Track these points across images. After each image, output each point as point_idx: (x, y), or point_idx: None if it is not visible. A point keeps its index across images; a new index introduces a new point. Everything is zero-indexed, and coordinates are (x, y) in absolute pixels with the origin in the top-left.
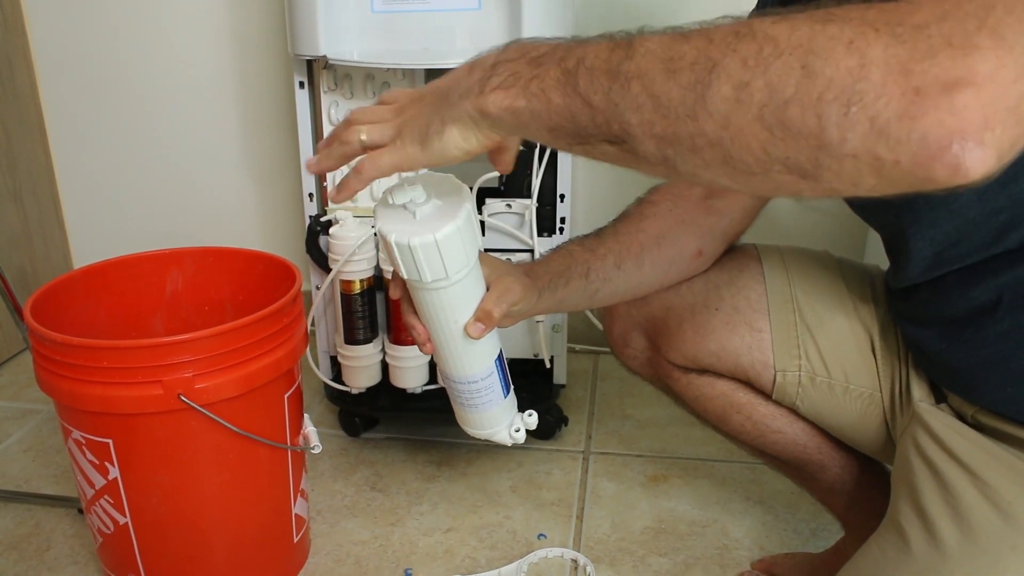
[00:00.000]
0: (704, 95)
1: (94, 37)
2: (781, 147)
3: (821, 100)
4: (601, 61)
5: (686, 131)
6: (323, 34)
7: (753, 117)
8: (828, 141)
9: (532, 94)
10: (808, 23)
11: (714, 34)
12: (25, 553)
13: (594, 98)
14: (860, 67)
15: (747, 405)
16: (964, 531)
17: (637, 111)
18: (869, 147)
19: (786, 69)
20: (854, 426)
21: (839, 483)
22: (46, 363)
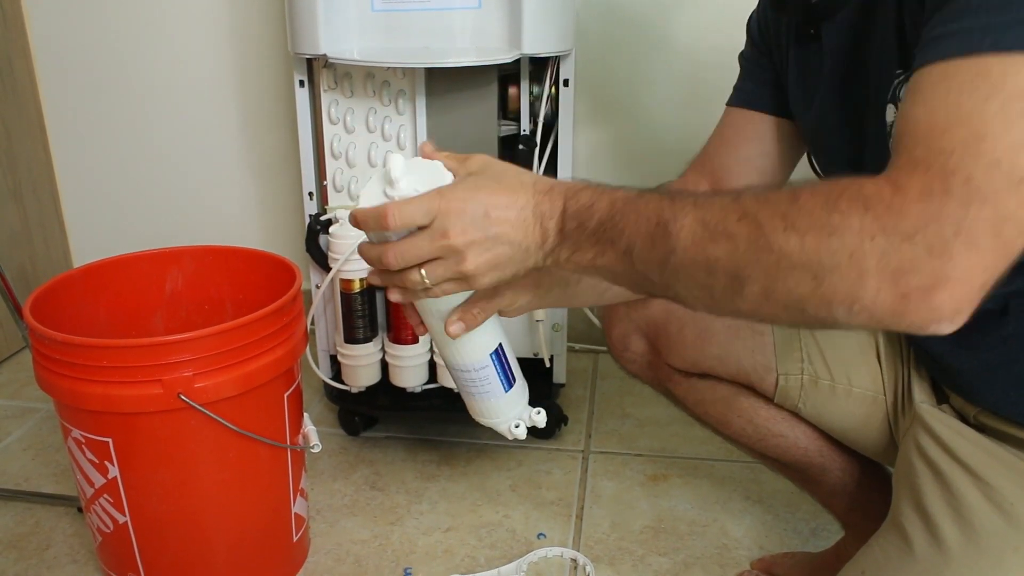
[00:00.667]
0: (739, 292)
1: (94, 35)
2: (801, 319)
3: (831, 303)
4: (647, 251)
5: (728, 307)
6: (323, 33)
7: (780, 306)
8: (837, 322)
9: (597, 267)
10: (815, 235)
11: (739, 236)
12: (25, 552)
13: (651, 276)
14: (859, 278)
15: (748, 409)
16: (966, 532)
17: (687, 290)
18: (869, 326)
19: (801, 279)
20: (857, 428)
21: (840, 485)
22: (46, 362)
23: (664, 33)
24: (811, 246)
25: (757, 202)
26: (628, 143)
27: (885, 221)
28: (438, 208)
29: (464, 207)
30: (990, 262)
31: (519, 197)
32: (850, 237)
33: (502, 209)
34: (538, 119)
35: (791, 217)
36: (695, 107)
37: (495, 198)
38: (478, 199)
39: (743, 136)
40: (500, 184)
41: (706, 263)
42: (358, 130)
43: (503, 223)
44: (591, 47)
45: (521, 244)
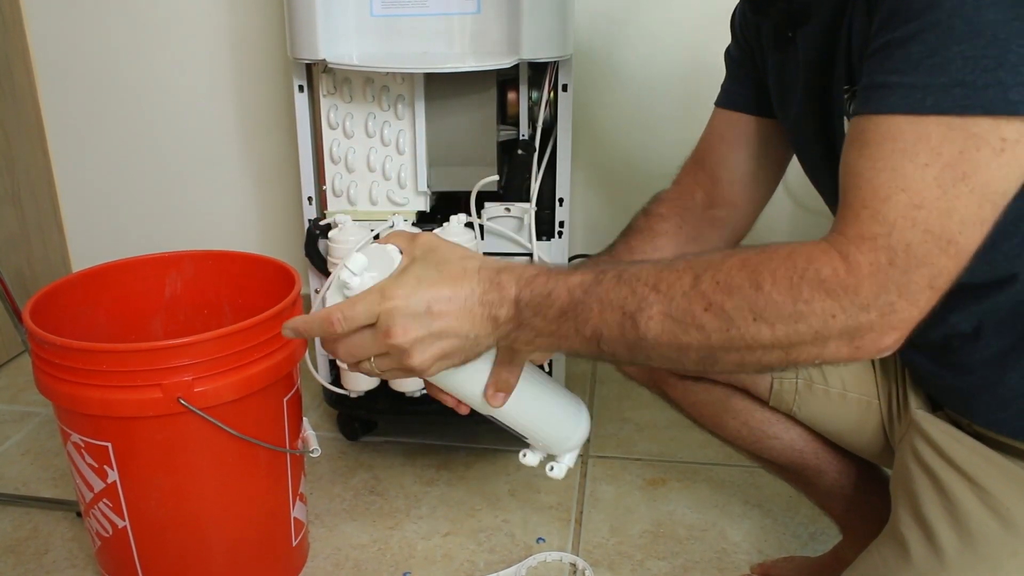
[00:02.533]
0: (712, 365)
1: (93, 39)
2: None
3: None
4: (616, 337)
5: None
6: (322, 38)
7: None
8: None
9: (558, 347)
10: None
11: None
12: (23, 556)
13: (619, 355)
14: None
15: (743, 411)
16: (964, 538)
17: (658, 363)
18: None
19: (772, 355)
20: (852, 432)
21: (836, 487)
22: (45, 366)
23: (662, 37)
24: (781, 333)
25: (720, 290)
26: (627, 147)
27: (843, 302)
28: (380, 308)
29: (406, 304)
30: (925, 307)
31: (462, 287)
32: (815, 320)
33: (444, 302)
34: (537, 124)
35: (759, 308)
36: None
37: (436, 291)
38: (418, 295)
39: (731, 140)
40: (442, 274)
41: (678, 347)
42: (357, 135)
43: (446, 316)
44: (590, 52)
45: (468, 334)
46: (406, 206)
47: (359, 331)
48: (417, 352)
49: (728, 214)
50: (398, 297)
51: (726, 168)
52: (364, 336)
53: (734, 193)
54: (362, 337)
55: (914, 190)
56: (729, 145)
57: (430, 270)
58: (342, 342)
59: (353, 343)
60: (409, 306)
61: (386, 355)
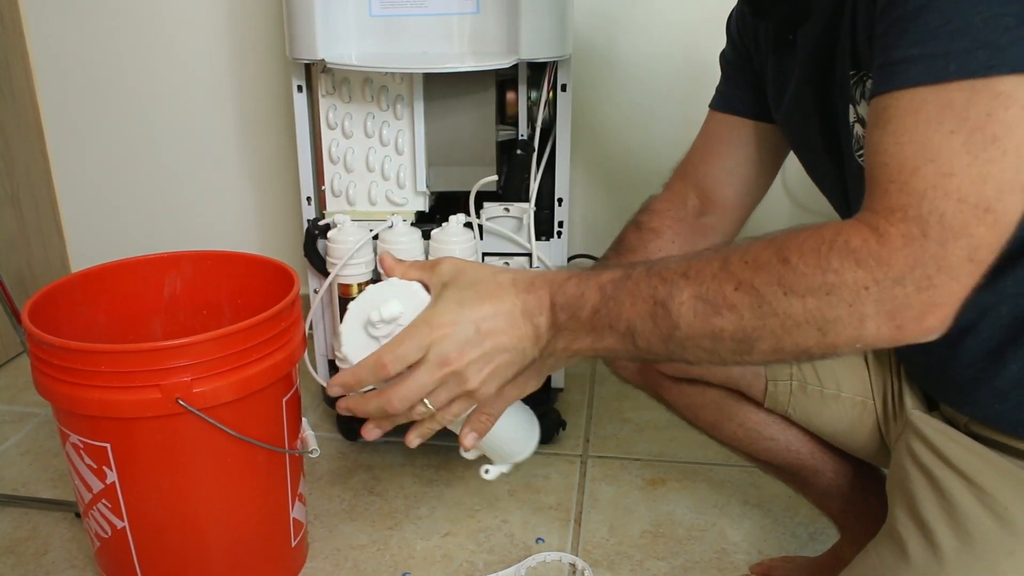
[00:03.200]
0: (748, 352)
1: (92, 40)
2: (807, 360)
3: (836, 346)
4: (649, 331)
5: (736, 363)
6: (321, 38)
7: (788, 356)
8: (840, 355)
9: (598, 350)
10: (815, 296)
11: (741, 306)
12: (23, 557)
13: (654, 350)
14: (860, 323)
15: (739, 413)
16: (961, 538)
17: (694, 356)
18: (868, 351)
19: (807, 334)
20: (847, 432)
21: (834, 487)
22: (44, 367)
23: (661, 37)
24: (813, 306)
25: (748, 268)
26: (626, 148)
27: (876, 273)
28: (430, 339)
29: (455, 330)
30: (968, 282)
31: (503, 302)
32: (847, 292)
33: (491, 320)
34: (536, 124)
35: (788, 281)
36: (693, 110)
37: (480, 310)
38: (465, 318)
39: (726, 144)
40: (480, 293)
41: (712, 333)
42: (356, 135)
43: (496, 333)
44: (589, 52)
45: (517, 347)
46: (405, 206)
47: (413, 369)
48: (473, 373)
49: (720, 220)
50: (446, 324)
51: (721, 172)
52: (419, 374)
53: (727, 197)
54: (416, 376)
55: (943, 159)
56: (724, 149)
57: (467, 291)
58: (396, 390)
59: (408, 386)
60: (459, 331)
61: (442, 387)
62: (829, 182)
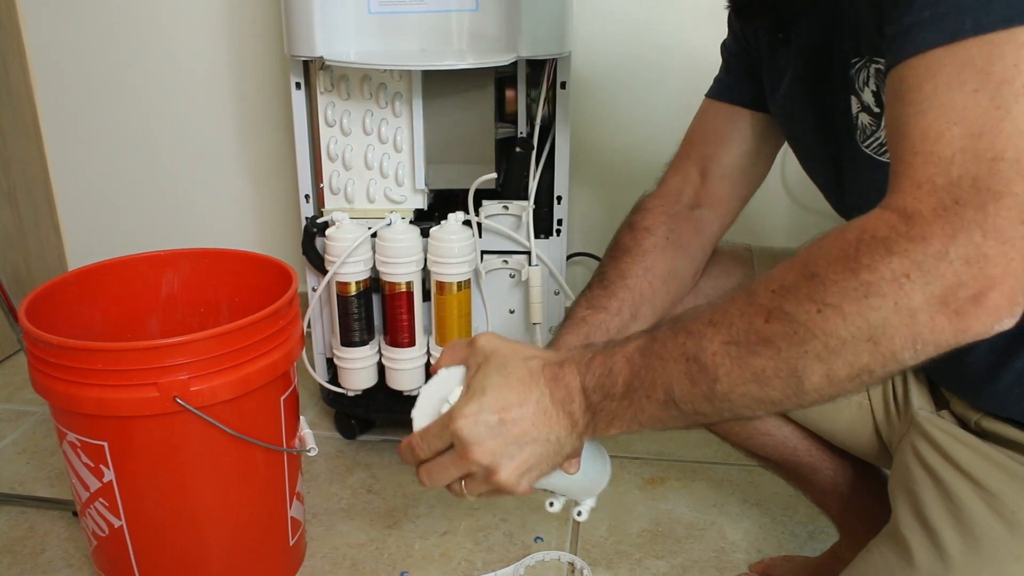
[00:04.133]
0: (800, 387)
1: (90, 37)
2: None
3: (895, 354)
4: (688, 390)
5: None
6: (319, 35)
7: (847, 380)
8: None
9: (642, 424)
10: (852, 303)
11: (775, 337)
12: (19, 556)
13: (702, 410)
14: (912, 318)
15: None
16: (968, 541)
17: (746, 407)
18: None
19: (858, 349)
20: (843, 432)
21: (832, 485)
22: (41, 365)
23: (661, 34)
24: (853, 314)
25: (776, 295)
26: (625, 145)
27: (913, 255)
28: (452, 429)
29: (476, 420)
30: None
31: (531, 391)
32: (887, 287)
33: (516, 408)
34: (535, 122)
35: (818, 296)
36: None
37: (505, 398)
38: (487, 408)
39: (724, 134)
40: (507, 379)
41: (754, 376)
42: (355, 132)
43: (522, 423)
44: (588, 49)
45: (549, 437)
46: (404, 204)
47: (442, 456)
48: (502, 467)
49: (713, 213)
50: (468, 415)
51: (717, 163)
52: (445, 460)
53: (723, 189)
54: (444, 461)
55: (970, 119)
56: (721, 139)
57: (493, 376)
58: (425, 468)
59: (435, 468)
60: (480, 421)
61: (473, 476)
62: (823, 177)
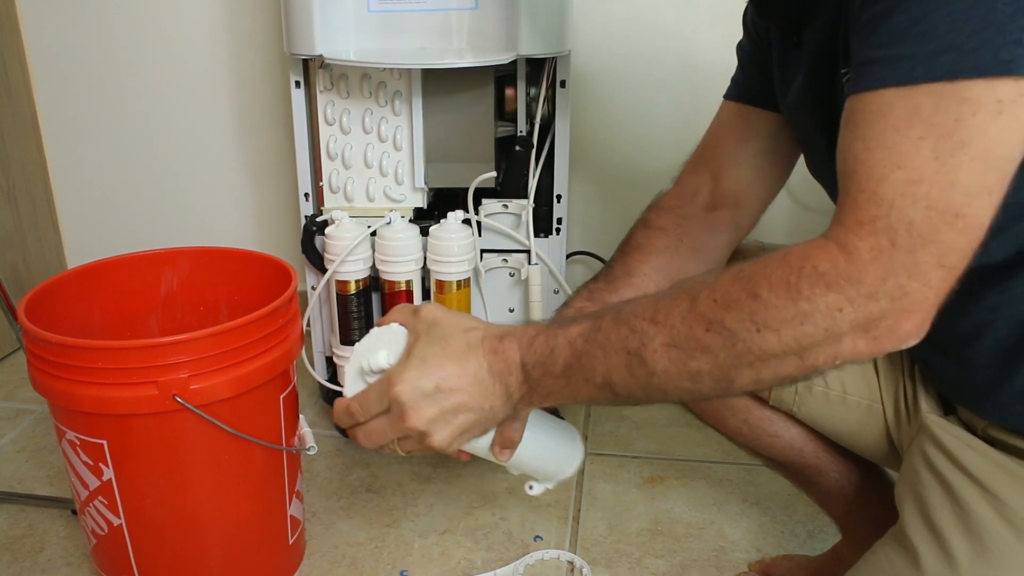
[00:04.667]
0: (728, 387)
1: (89, 35)
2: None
3: (816, 367)
4: (626, 379)
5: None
6: (319, 33)
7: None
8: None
9: (575, 399)
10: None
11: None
12: (18, 554)
13: (635, 395)
14: (837, 342)
15: (743, 408)
16: (976, 547)
17: (675, 396)
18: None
19: (786, 362)
20: (853, 434)
21: (837, 488)
22: (40, 363)
23: (661, 33)
24: (788, 337)
25: (718, 307)
26: (625, 144)
27: (848, 292)
28: (390, 395)
29: (414, 387)
30: (941, 287)
31: (469, 362)
32: (821, 318)
33: (453, 379)
34: (535, 120)
35: (760, 317)
36: (693, 107)
37: (443, 369)
38: (426, 376)
39: (740, 134)
40: (447, 349)
41: (689, 375)
42: (354, 131)
43: (457, 392)
44: (588, 48)
45: (483, 406)
46: (403, 202)
47: (378, 418)
48: (436, 432)
49: (731, 215)
50: (406, 381)
51: (733, 164)
52: (382, 422)
53: (739, 191)
54: (380, 423)
55: (911, 166)
56: (738, 139)
57: (434, 346)
58: (362, 429)
59: (372, 430)
60: (417, 388)
61: (407, 438)
62: (828, 179)
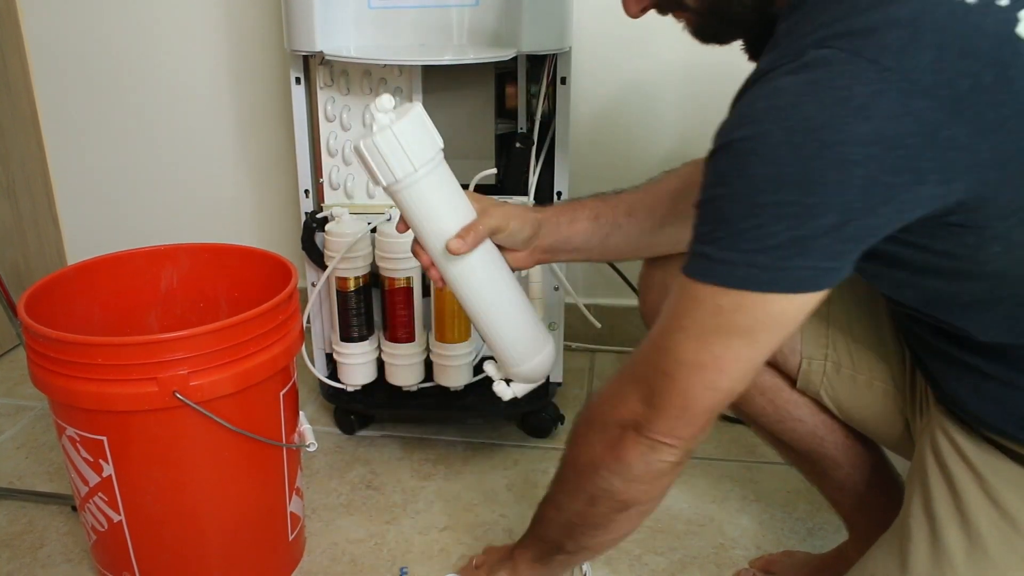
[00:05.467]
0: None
1: (89, 31)
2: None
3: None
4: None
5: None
6: (319, 30)
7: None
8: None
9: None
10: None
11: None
12: (18, 551)
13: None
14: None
15: (771, 388)
16: (972, 542)
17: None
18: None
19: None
20: (876, 419)
21: (850, 483)
22: (40, 360)
23: (662, 30)
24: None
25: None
26: (625, 140)
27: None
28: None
29: None
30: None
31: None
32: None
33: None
34: (535, 117)
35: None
36: (693, 104)
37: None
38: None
39: None
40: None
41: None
42: (355, 127)
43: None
44: (589, 45)
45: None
46: None
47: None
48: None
49: None
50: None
51: None
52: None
53: None
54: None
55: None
56: None
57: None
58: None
59: None
60: None
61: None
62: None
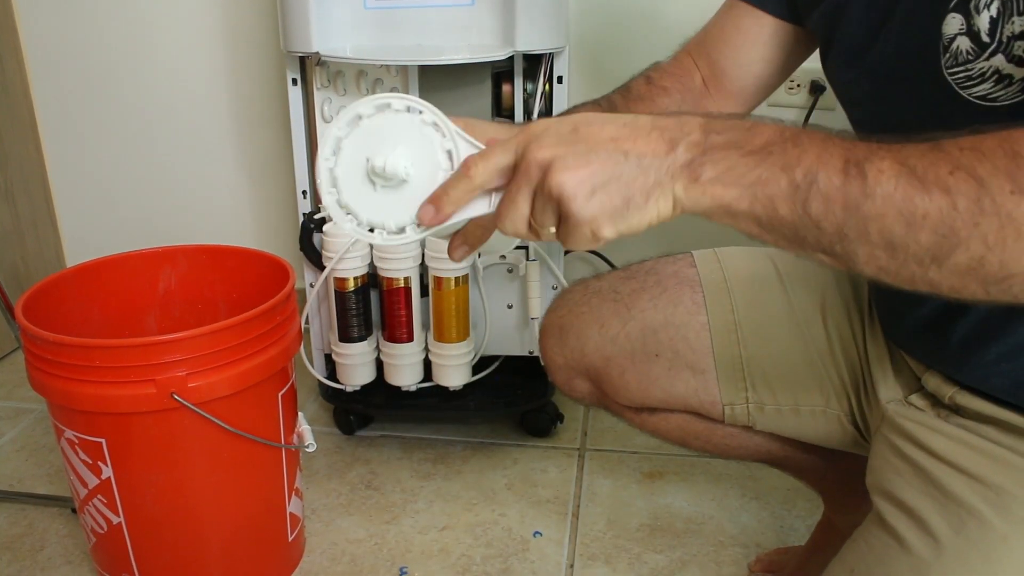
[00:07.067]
0: (941, 259)
1: (86, 33)
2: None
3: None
4: (836, 189)
5: (910, 273)
6: (316, 30)
7: (979, 282)
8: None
9: (756, 199)
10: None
11: (955, 194)
12: (18, 553)
13: (825, 224)
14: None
15: (704, 432)
16: (954, 525)
17: (868, 246)
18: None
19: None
20: (815, 437)
21: (809, 463)
22: (39, 362)
23: (658, 28)
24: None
25: (967, 154)
26: None
27: None
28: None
29: (547, 127)
30: None
31: (623, 116)
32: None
33: (596, 125)
34: (532, 116)
35: (1019, 179)
36: None
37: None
38: (563, 120)
39: (745, 37)
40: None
41: (910, 216)
42: None
43: (600, 134)
44: (585, 43)
45: (631, 152)
46: None
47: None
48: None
49: (722, 107)
50: (539, 123)
51: (734, 64)
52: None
53: (734, 89)
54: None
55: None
56: (742, 41)
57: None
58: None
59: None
60: (550, 127)
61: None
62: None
